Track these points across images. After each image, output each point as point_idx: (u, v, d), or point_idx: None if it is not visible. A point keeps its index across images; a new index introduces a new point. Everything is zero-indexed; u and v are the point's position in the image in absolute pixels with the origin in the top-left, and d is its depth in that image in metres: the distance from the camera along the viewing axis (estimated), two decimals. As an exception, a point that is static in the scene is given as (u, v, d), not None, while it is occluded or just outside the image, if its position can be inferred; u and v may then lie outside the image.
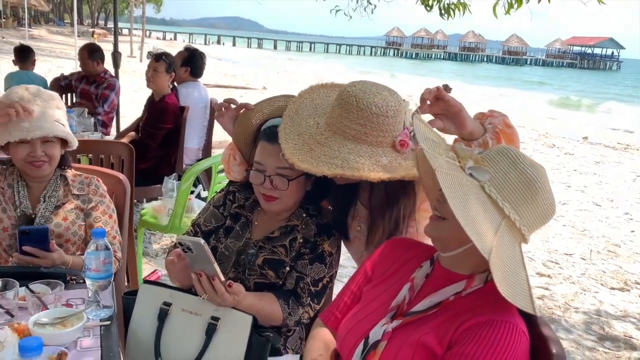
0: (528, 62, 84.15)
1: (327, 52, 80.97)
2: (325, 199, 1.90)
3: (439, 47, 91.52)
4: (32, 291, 1.54)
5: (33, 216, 1.94)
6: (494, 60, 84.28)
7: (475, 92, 22.39)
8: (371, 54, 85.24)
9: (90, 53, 5.09)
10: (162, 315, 1.60)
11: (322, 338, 1.51)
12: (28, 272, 1.74)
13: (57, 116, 1.94)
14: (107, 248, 1.56)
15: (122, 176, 2.30)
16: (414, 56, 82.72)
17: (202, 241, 1.45)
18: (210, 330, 1.55)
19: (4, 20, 32.12)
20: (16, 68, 5.68)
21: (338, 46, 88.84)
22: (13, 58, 5.71)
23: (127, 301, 1.66)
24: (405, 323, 1.28)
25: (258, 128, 1.84)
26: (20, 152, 1.89)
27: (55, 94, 2.02)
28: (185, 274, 1.61)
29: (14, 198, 1.95)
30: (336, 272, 1.82)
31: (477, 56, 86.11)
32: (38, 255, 1.80)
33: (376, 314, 1.35)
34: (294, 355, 1.81)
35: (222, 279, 1.52)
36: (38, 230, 1.82)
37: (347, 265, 4.15)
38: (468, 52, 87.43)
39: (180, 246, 1.50)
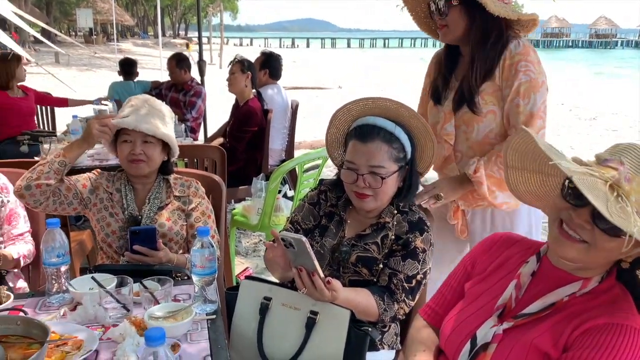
0: (619, 45, 78.71)
1: (401, 46, 79.89)
2: (414, 198, 1.90)
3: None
4: (145, 287, 1.65)
5: (139, 218, 2.08)
6: (580, 45, 79.39)
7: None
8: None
9: (178, 62, 5.36)
10: (263, 310, 1.66)
11: (424, 334, 1.50)
12: (138, 269, 1.87)
13: (160, 121, 2.06)
14: (211, 245, 1.64)
15: (217, 178, 2.41)
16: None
17: (304, 238, 1.48)
18: (310, 324, 1.60)
19: (95, 37, 34.39)
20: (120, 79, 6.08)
21: (412, 40, 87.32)
22: (118, 69, 6.12)
23: (229, 296, 1.74)
24: (516, 325, 1.25)
25: (347, 130, 1.87)
26: (124, 149, 2.04)
27: (165, 106, 2.15)
28: (284, 267, 1.66)
29: (121, 201, 2.10)
30: (430, 268, 1.81)
31: (562, 41, 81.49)
32: (147, 253, 1.93)
33: (482, 312, 1.33)
34: (390, 351, 1.82)
35: (322, 275, 1.55)
36: (147, 230, 1.95)
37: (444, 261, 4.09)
38: (551, 38, 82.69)
39: (282, 242, 1.55)
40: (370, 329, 1.57)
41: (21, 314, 1.58)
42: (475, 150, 2.07)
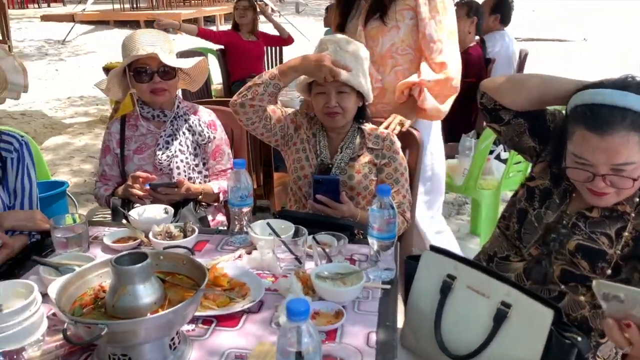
0: None
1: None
2: None
3: None
4: (317, 242, 1.53)
5: (330, 166, 1.97)
6: None
7: None
8: None
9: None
10: (445, 289, 1.41)
11: None
12: (321, 220, 1.78)
13: (354, 65, 1.89)
14: (391, 207, 1.44)
15: (417, 133, 2.18)
16: None
17: None
18: (500, 317, 1.31)
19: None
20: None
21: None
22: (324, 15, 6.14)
23: (409, 266, 1.53)
24: None
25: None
26: (319, 101, 1.92)
27: (360, 45, 1.97)
28: None
29: (316, 147, 2.01)
30: None
31: None
32: (329, 204, 1.83)
33: None
34: (607, 367, 1.44)
35: None
36: (330, 181, 1.84)
37: None
38: None
39: (602, 297, 1.10)
40: (579, 339, 1.22)
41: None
42: (379, 65, 2.23)
